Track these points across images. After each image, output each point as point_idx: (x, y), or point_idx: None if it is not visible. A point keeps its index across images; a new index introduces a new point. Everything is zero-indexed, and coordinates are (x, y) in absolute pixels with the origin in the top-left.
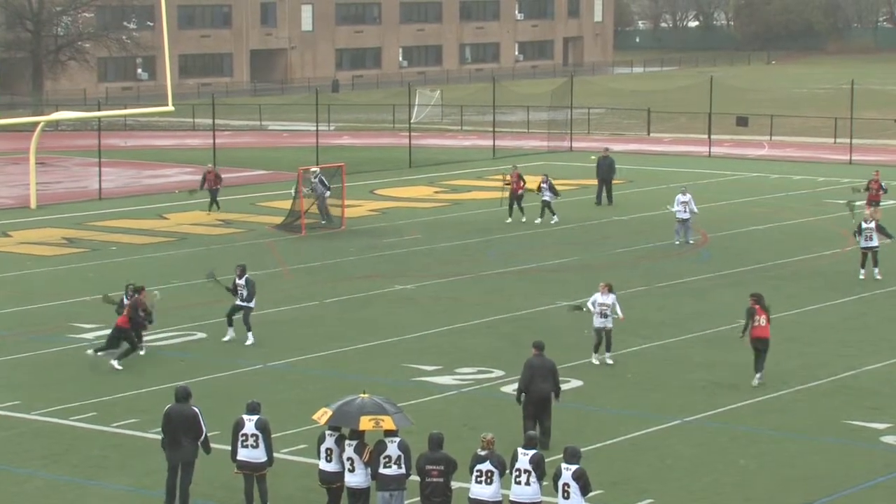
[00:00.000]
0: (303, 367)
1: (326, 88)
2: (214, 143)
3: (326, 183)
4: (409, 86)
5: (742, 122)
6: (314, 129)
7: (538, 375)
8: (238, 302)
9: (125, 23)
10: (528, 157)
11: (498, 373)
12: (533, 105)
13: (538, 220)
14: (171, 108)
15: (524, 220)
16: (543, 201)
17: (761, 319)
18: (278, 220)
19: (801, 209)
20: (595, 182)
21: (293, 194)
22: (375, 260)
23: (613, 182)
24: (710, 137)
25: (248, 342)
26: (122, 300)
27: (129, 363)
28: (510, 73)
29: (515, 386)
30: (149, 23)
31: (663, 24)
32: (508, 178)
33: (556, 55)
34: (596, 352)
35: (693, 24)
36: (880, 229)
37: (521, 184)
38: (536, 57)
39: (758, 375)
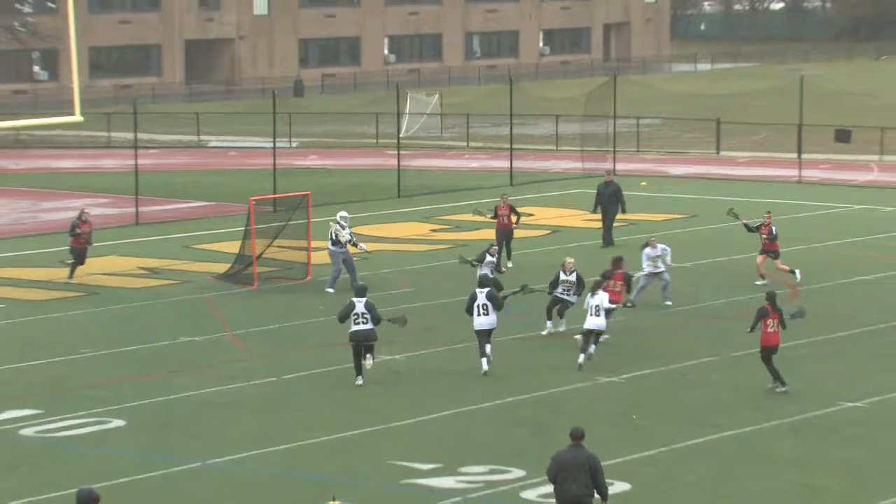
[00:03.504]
0: (255, 466)
1: (287, 92)
2: (137, 165)
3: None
4: (398, 88)
5: (843, 136)
6: (270, 146)
7: (568, 474)
8: None
9: (17, 4)
10: (557, 184)
11: (517, 473)
12: (563, 114)
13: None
14: (78, 118)
15: (510, 265)
16: None
17: (773, 324)
18: (222, 268)
19: None
20: (590, 215)
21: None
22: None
23: (618, 216)
24: (800, 157)
25: None
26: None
27: (17, 460)
28: (533, 72)
29: (540, 491)
30: (50, 3)
31: (737, 7)
32: (487, 216)
33: (595, 47)
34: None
35: (777, 6)
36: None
37: (513, 218)
38: (568, 50)
39: (783, 388)
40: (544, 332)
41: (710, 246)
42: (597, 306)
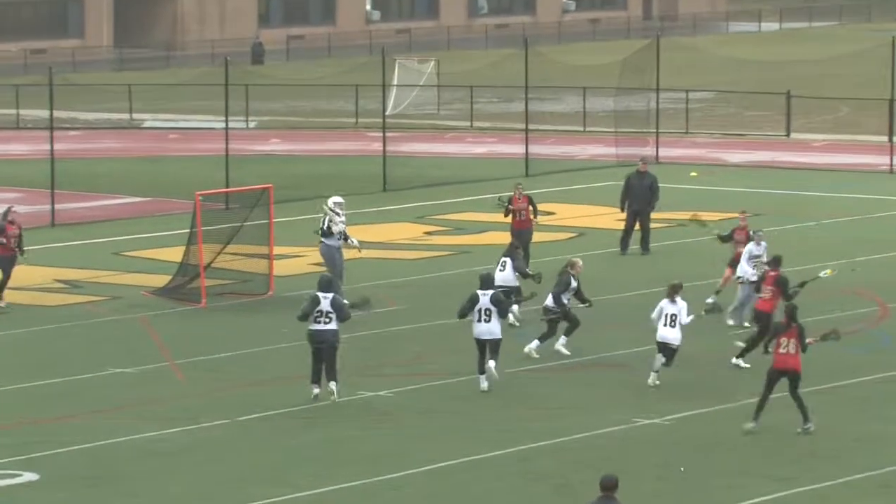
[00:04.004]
0: None
1: (243, 58)
2: (52, 150)
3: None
4: (384, 54)
5: None
6: (221, 126)
7: None
8: None
9: None
10: (585, 174)
11: None
12: (593, 87)
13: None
14: None
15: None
16: None
17: (787, 344)
18: (161, 281)
19: None
20: (622, 215)
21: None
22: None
23: (653, 216)
24: (891, 141)
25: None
26: None
27: None
28: (554, 34)
29: None
30: None
31: None
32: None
33: (632, 2)
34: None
35: None
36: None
37: (531, 215)
38: (598, 6)
39: (806, 426)
40: (526, 350)
41: (776, 251)
42: (673, 315)
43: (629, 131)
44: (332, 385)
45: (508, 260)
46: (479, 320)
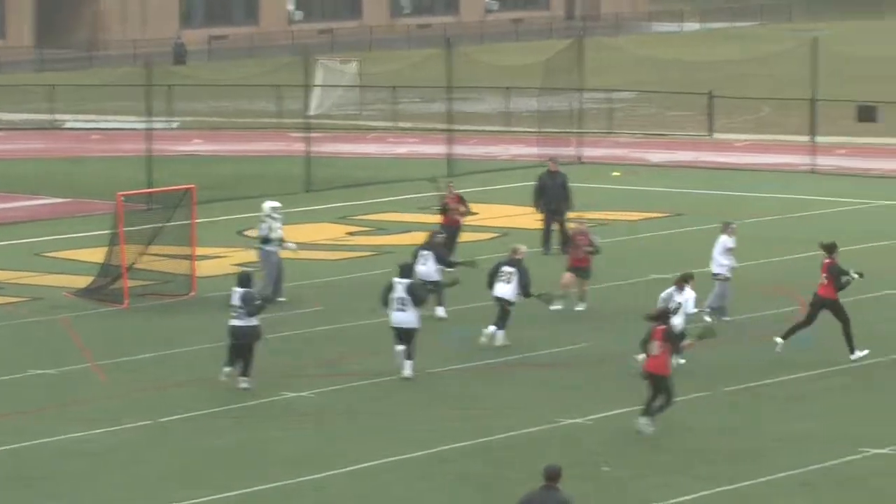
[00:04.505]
0: None
1: (165, 58)
2: None
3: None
4: (307, 54)
5: (868, 114)
6: (144, 126)
7: None
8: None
9: None
10: (508, 174)
11: None
12: (516, 87)
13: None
14: None
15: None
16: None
17: (656, 347)
18: (83, 281)
19: None
20: (538, 215)
21: None
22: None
23: (568, 215)
24: (813, 140)
25: None
26: None
27: None
28: (477, 33)
29: None
30: None
31: None
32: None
33: (555, 2)
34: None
35: None
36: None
37: (462, 211)
38: (521, 5)
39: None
40: (483, 339)
41: (700, 252)
42: (679, 304)
43: (552, 131)
44: (243, 381)
45: (430, 253)
46: (395, 309)
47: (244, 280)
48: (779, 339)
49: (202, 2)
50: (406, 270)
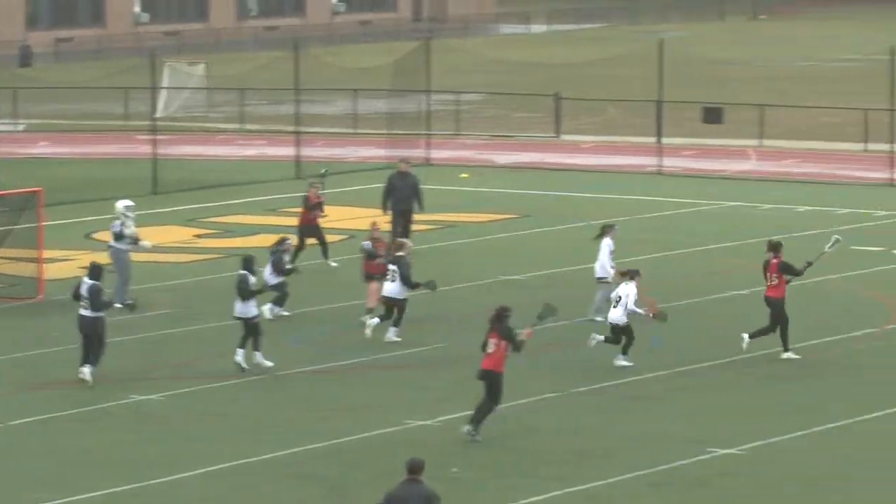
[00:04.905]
0: None
1: (10, 61)
2: None
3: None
4: (153, 55)
5: (713, 116)
6: None
7: None
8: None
9: None
10: (356, 176)
11: None
12: (364, 88)
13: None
14: None
15: (334, 264)
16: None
17: (492, 345)
18: None
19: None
20: (390, 217)
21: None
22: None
23: (419, 217)
24: (659, 142)
25: None
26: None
27: None
28: (325, 35)
29: None
30: None
31: None
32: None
33: (402, 4)
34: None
35: None
36: None
37: (319, 211)
38: (368, 7)
39: (472, 432)
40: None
41: (547, 253)
42: (619, 297)
43: (400, 133)
44: (86, 368)
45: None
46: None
47: (94, 272)
48: (745, 336)
49: (48, 4)
50: (248, 262)
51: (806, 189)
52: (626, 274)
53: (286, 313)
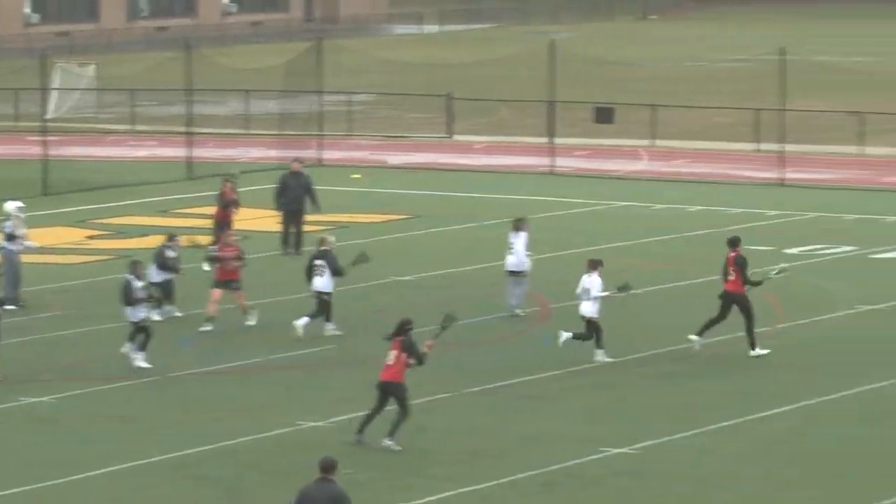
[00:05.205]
0: None
1: None
2: None
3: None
4: (44, 56)
5: (604, 116)
6: None
7: None
8: None
9: None
10: (247, 177)
11: None
12: (256, 89)
13: None
14: None
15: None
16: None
17: (392, 357)
18: None
19: (705, 261)
20: (276, 215)
21: None
22: None
23: (312, 218)
24: (551, 142)
25: None
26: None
27: None
28: (216, 36)
29: None
30: None
31: None
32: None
33: (294, 4)
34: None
35: None
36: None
37: (234, 207)
38: (260, 8)
39: (389, 441)
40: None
41: (440, 254)
42: (587, 290)
43: (292, 134)
44: None
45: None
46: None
47: None
48: (694, 337)
49: None
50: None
51: (697, 189)
52: (593, 265)
53: (179, 314)
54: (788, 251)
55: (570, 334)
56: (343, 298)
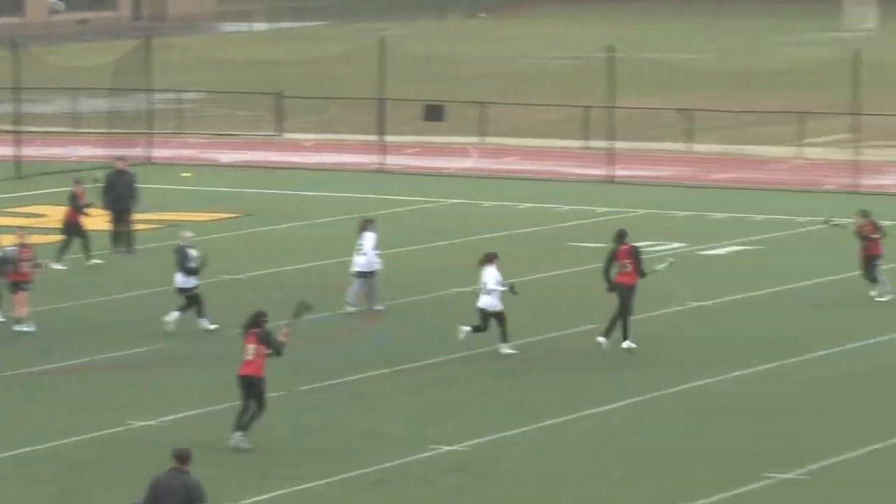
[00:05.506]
0: None
1: None
2: None
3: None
4: None
5: (434, 114)
6: None
7: (157, 503)
8: None
9: None
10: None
11: None
12: (84, 87)
13: None
14: None
15: (96, 262)
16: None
17: (251, 351)
18: None
19: (534, 258)
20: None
21: None
22: None
23: (140, 216)
24: (383, 139)
25: None
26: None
27: None
28: (43, 34)
29: None
30: None
31: None
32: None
33: (122, 3)
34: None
35: None
36: None
37: (85, 207)
38: (87, 6)
39: (240, 442)
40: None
41: (272, 252)
42: (485, 283)
43: (121, 132)
44: None
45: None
46: None
47: None
48: (601, 339)
49: None
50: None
51: (527, 186)
52: (488, 259)
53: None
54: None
55: (469, 328)
56: (172, 298)
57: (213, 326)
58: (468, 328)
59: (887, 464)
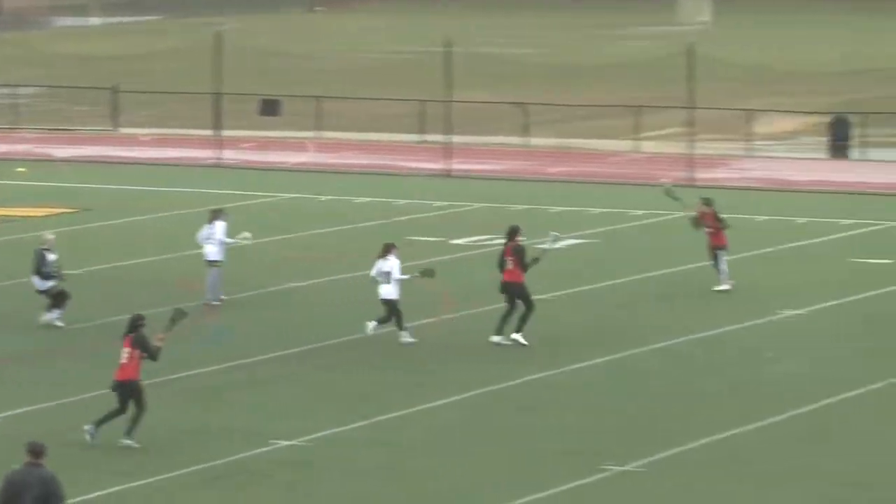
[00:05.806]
0: None
1: None
2: None
3: None
4: None
5: (270, 108)
6: None
7: (10, 498)
8: None
9: None
10: None
11: None
12: None
13: None
14: None
15: None
16: None
17: (126, 355)
18: None
19: (373, 252)
20: None
21: None
22: None
23: None
24: (219, 134)
25: None
26: None
27: None
28: None
29: None
30: None
31: None
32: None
33: None
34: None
35: None
36: None
37: None
38: None
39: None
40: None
41: (109, 247)
42: (387, 273)
43: None
44: None
45: None
46: None
47: None
48: (495, 338)
49: None
50: None
51: (364, 180)
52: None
53: None
54: (455, 241)
55: (375, 322)
56: (10, 296)
57: (60, 324)
58: (374, 322)
59: (725, 455)
